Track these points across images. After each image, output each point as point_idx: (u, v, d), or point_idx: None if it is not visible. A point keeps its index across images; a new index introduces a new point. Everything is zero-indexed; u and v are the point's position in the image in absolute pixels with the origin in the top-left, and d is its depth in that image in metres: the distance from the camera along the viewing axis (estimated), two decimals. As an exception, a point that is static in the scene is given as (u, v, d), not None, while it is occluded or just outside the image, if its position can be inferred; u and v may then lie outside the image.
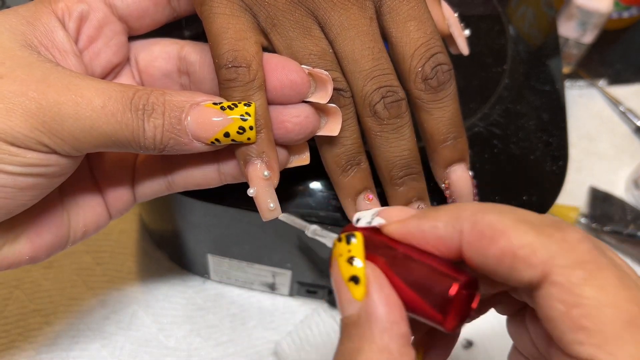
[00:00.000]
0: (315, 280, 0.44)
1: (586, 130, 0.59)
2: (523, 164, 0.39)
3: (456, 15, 0.33)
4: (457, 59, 0.35)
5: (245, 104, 0.25)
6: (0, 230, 0.25)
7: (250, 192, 0.25)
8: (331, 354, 0.43)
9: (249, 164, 0.25)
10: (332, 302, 0.45)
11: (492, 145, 0.39)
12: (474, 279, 0.21)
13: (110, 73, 0.29)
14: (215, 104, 0.25)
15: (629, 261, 0.51)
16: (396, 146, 0.28)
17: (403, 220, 0.21)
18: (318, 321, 0.45)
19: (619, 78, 0.64)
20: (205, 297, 0.46)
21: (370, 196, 0.28)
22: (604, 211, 0.52)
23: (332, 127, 0.27)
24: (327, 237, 0.25)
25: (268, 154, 0.25)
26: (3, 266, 0.26)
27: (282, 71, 0.26)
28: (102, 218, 0.29)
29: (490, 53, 0.44)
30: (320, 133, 0.27)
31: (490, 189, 0.37)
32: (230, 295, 0.46)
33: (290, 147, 0.28)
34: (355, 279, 0.20)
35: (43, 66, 0.23)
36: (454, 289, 0.20)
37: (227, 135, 0.24)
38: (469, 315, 0.21)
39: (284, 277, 0.44)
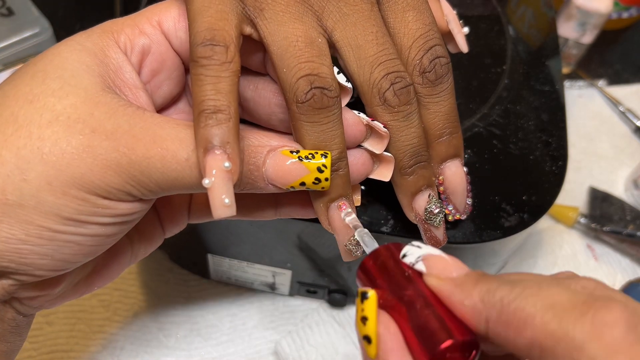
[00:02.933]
0: (315, 280, 0.44)
1: (586, 130, 0.59)
2: (523, 164, 0.39)
3: (455, 12, 0.33)
4: (456, 59, 0.35)
5: (322, 154, 0.24)
6: (77, 271, 0.26)
7: (206, 182, 0.22)
8: (331, 354, 0.43)
9: (208, 153, 0.22)
10: (332, 302, 0.45)
11: (492, 146, 0.39)
12: (474, 341, 0.21)
13: (170, 103, 0.29)
14: (292, 152, 0.24)
15: (628, 261, 0.51)
16: (406, 134, 0.27)
17: (441, 279, 0.22)
18: (318, 321, 0.45)
19: (618, 78, 0.64)
20: (205, 297, 0.46)
21: (344, 206, 0.27)
22: (604, 211, 0.52)
23: (383, 173, 0.27)
24: (369, 247, 0.25)
25: (232, 145, 0.22)
26: (75, 297, 0.28)
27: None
28: (159, 240, 0.30)
29: (489, 53, 0.44)
30: (372, 176, 0.27)
31: (490, 189, 0.37)
32: (230, 295, 0.46)
33: None
34: (367, 339, 0.21)
35: (126, 112, 0.23)
36: (445, 344, 0.20)
37: (302, 184, 0.24)
38: None
39: (284, 277, 0.44)
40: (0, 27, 0.50)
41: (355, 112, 0.26)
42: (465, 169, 0.30)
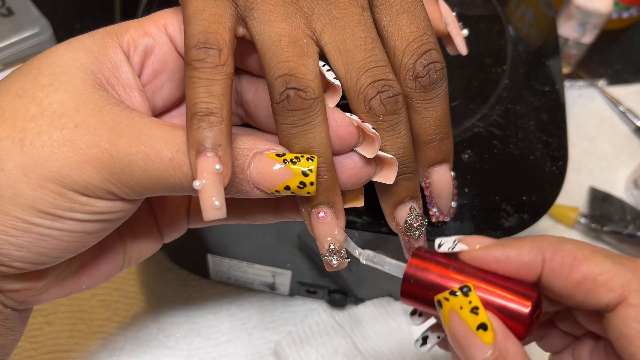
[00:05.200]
0: (315, 280, 0.44)
1: (586, 130, 0.59)
2: (523, 164, 0.39)
3: (454, 14, 0.33)
4: (456, 59, 0.35)
5: (308, 158, 0.24)
6: (62, 266, 0.26)
7: (196, 184, 0.22)
8: (331, 354, 0.43)
9: (200, 155, 0.22)
10: (332, 302, 0.45)
11: (492, 146, 0.39)
12: (539, 297, 0.24)
13: (171, 106, 0.29)
14: (278, 155, 0.24)
15: (628, 261, 0.51)
16: (391, 144, 0.26)
17: (487, 247, 0.24)
18: (318, 321, 0.45)
19: (618, 78, 0.64)
20: (205, 297, 0.46)
21: (322, 214, 0.26)
22: (604, 211, 0.52)
23: (387, 175, 0.27)
24: (385, 265, 0.27)
25: (224, 148, 0.22)
26: (63, 295, 0.27)
27: (330, 125, 0.25)
28: (157, 244, 0.30)
29: (489, 53, 0.44)
30: (375, 179, 0.27)
31: (490, 189, 0.37)
32: (230, 295, 0.46)
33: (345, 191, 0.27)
34: (483, 326, 0.23)
35: (113, 111, 0.23)
36: (529, 309, 0.23)
37: (287, 188, 0.24)
38: (536, 325, 0.24)
39: (284, 277, 0.44)
40: (0, 27, 0.50)
41: (347, 114, 0.26)
42: (452, 173, 0.30)
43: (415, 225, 0.28)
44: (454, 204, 0.32)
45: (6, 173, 0.22)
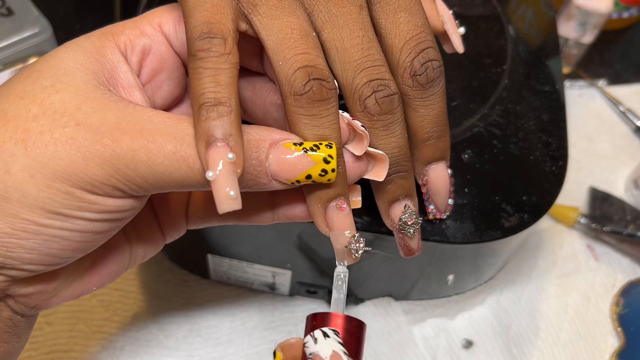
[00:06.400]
0: (315, 280, 0.44)
1: (586, 130, 0.59)
2: (523, 164, 0.39)
3: (451, 12, 0.32)
4: (457, 59, 0.35)
5: (327, 145, 0.24)
6: (72, 267, 0.26)
7: (209, 175, 0.21)
8: (331, 354, 0.43)
9: (211, 147, 0.22)
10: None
11: (492, 146, 0.39)
12: None
13: (171, 104, 0.29)
14: (295, 144, 0.24)
15: (628, 261, 0.51)
16: (386, 143, 0.26)
17: None
18: (318, 321, 0.45)
19: (618, 78, 0.64)
20: (205, 297, 0.46)
21: (344, 205, 0.26)
22: (604, 211, 0.52)
23: (378, 172, 0.27)
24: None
25: (235, 138, 0.22)
26: (74, 297, 0.27)
27: None
28: (159, 243, 0.30)
29: (489, 53, 0.44)
30: (366, 176, 0.27)
31: (490, 189, 0.37)
32: (230, 295, 0.46)
33: None
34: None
35: (116, 107, 0.23)
36: None
37: (308, 177, 0.24)
38: None
39: (284, 277, 0.44)
40: (0, 27, 0.50)
41: (340, 111, 0.26)
42: (449, 171, 0.30)
43: (409, 223, 0.28)
44: (450, 201, 0.32)
45: (12, 175, 0.21)
